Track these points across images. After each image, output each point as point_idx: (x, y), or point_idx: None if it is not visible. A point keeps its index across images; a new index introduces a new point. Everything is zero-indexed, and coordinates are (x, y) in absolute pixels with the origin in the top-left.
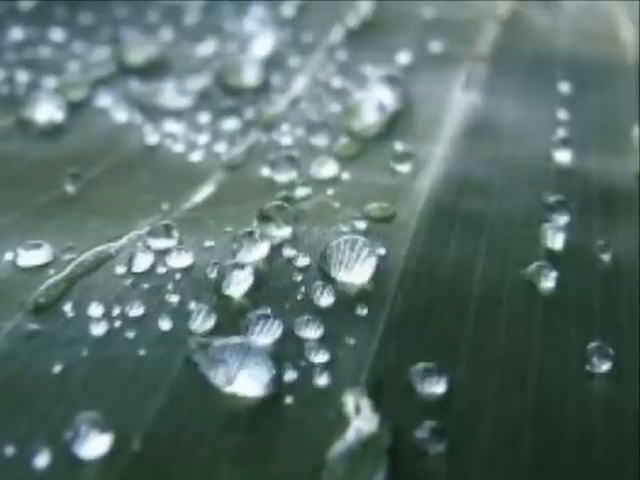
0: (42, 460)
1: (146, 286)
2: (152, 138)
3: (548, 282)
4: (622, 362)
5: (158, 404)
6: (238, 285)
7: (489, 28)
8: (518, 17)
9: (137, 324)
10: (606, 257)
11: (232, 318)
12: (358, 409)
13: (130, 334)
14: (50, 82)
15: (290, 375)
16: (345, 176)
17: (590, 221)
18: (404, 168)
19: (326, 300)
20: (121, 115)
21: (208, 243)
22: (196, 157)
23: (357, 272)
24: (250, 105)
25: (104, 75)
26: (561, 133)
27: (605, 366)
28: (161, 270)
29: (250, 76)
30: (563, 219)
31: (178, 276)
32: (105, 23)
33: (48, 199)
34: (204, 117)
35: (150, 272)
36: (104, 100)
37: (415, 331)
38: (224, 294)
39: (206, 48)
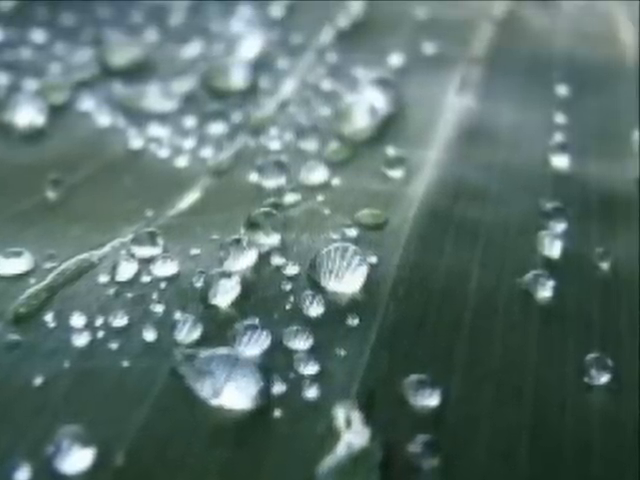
0: (22, 475)
1: (130, 295)
2: (136, 142)
3: (545, 291)
4: (621, 374)
5: (142, 417)
6: (225, 294)
7: (484, 29)
8: (514, 17)
9: (121, 335)
10: (605, 265)
11: (219, 328)
12: (349, 422)
13: (113, 345)
14: (31, 85)
15: (279, 387)
16: (335, 182)
17: (588, 228)
18: (396, 173)
19: (316, 310)
20: (104, 119)
21: (194, 251)
22: (182, 162)
23: (348, 281)
24: (237, 108)
25: (86, 77)
26: (559, 137)
27: (604, 378)
28: (145, 279)
29: (237, 78)
30: (561, 226)
31: (163, 285)
32: (87, 24)
33: (28, 205)
34: (190, 121)
35: (134, 281)
36: (86, 103)
37: (408, 342)
38: (210, 304)
39: (192, 49)
